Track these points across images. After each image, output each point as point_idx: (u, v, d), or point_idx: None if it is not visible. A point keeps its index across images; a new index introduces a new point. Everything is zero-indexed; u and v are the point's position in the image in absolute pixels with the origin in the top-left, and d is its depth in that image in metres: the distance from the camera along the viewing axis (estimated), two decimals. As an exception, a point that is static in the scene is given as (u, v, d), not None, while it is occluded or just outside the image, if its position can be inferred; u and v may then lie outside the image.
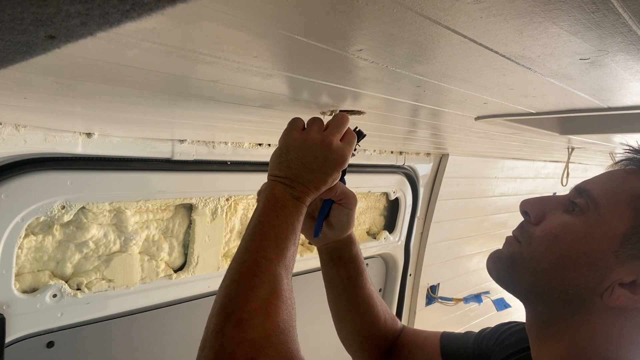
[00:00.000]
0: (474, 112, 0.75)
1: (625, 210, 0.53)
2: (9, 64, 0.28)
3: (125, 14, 0.21)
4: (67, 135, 0.90)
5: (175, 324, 1.24)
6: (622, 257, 0.52)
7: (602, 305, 0.54)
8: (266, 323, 0.51)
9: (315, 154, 0.65)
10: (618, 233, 0.53)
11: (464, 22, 0.32)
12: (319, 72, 0.48)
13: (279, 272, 0.57)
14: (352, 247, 0.83)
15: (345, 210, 0.78)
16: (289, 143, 0.67)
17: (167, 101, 0.64)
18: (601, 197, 0.55)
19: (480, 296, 2.29)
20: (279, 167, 0.67)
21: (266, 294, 0.54)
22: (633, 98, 0.57)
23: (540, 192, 2.62)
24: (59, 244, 1.01)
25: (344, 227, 0.80)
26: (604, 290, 0.53)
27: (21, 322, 0.95)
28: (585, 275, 0.54)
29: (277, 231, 0.61)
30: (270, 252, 0.59)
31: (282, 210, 0.63)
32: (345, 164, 0.68)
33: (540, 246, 0.58)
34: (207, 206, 1.21)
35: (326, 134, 0.66)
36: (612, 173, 0.58)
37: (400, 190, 1.78)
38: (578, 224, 0.56)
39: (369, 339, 0.86)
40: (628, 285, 0.52)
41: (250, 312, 0.51)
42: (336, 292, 0.86)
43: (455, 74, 0.47)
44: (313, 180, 0.66)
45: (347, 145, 0.68)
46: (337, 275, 0.84)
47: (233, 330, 0.50)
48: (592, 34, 0.33)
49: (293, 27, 0.33)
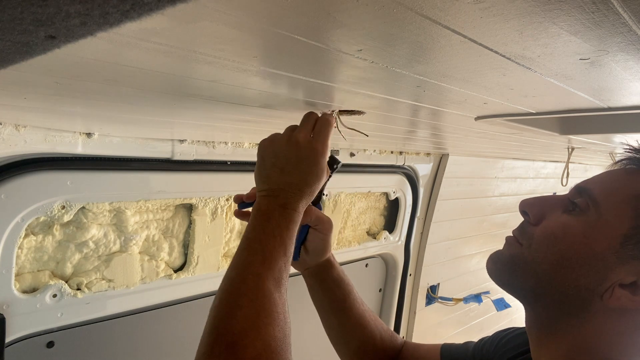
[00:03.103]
0: (474, 112, 0.75)
1: (626, 210, 0.52)
2: (9, 64, 0.28)
3: (125, 14, 0.21)
4: (67, 135, 0.90)
5: (175, 324, 1.24)
6: (622, 258, 0.52)
7: (602, 306, 0.53)
8: (256, 343, 0.50)
9: (286, 156, 0.65)
10: (618, 233, 0.52)
11: (464, 22, 0.32)
12: (318, 72, 0.48)
13: (268, 287, 0.56)
14: (332, 270, 0.84)
15: (321, 235, 0.79)
16: (263, 152, 0.68)
17: (167, 101, 0.64)
18: (601, 197, 0.55)
19: (480, 296, 2.29)
20: (261, 180, 0.68)
21: (255, 312, 0.53)
22: (633, 98, 0.57)
23: (540, 192, 2.62)
24: (59, 244, 1.01)
25: (320, 252, 0.81)
26: (604, 291, 0.53)
27: (21, 322, 0.95)
28: (586, 276, 0.53)
29: (264, 245, 0.60)
30: (257, 266, 0.58)
31: (267, 222, 0.63)
32: (319, 157, 0.66)
33: (540, 247, 0.57)
34: (207, 206, 1.21)
35: (292, 134, 0.66)
36: (612, 173, 0.58)
37: (400, 190, 1.78)
38: (578, 225, 0.55)
39: (367, 358, 0.86)
40: (628, 286, 0.52)
41: (239, 333, 0.51)
42: (326, 316, 0.86)
43: (455, 74, 0.47)
44: (293, 182, 0.65)
45: (318, 137, 0.66)
46: (324, 298, 0.85)
47: (223, 352, 0.49)
48: (592, 34, 0.33)
49: (293, 27, 0.33)
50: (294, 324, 0.59)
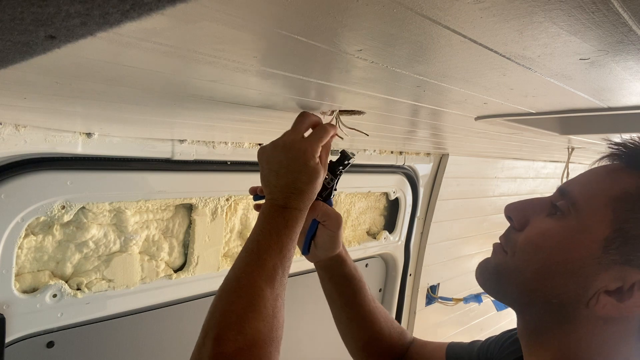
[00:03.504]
0: (474, 112, 0.75)
1: (606, 213, 0.50)
2: (9, 64, 0.28)
3: (125, 14, 0.21)
4: (67, 135, 0.90)
5: (175, 324, 1.24)
6: (604, 264, 0.49)
7: (588, 315, 0.51)
8: (238, 337, 0.54)
9: (278, 159, 0.67)
10: (599, 238, 0.50)
11: (464, 22, 0.32)
12: (318, 72, 0.48)
13: (259, 284, 0.60)
14: (343, 266, 0.84)
15: (329, 232, 0.79)
16: (260, 160, 0.70)
17: (167, 101, 0.64)
18: (581, 199, 0.53)
19: (480, 296, 2.28)
20: (264, 186, 0.70)
21: (242, 308, 0.57)
22: (633, 98, 0.57)
23: (540, 193, 2.62)
24: (59, 244, 1.01)
25: (328, 247, 0.81)
26: (589, 299, 0.50)
27: (21, 322, 0.95)
28: (567, 284, 0.51)
29: (259, 245, 0.63)
30: (251, 265, 0.61)
31: (266, 222, 0.66)
32: (308, 156, 0.66)
33: (523, 255, 0.55)
34: (207, 206, 1.21)
35: (284, 137, 0.67)
36: (593, 172, 0.56)
37: (400, 190, 1.78)
38: (559, 230, 0.53)
39: (374, 354, 0.86)
40: (614, 292, 0.49)
41: (225, 327, 0.55)
42: (335, 309, 0.87)
43: (455, 74, 0.47)
44: (288, 182, 0.66)
45: (309, 138, 0.67)
46: (334, 291, 0.85)
47: (210, 344, 0.54)
48: (592, 34, 0.33)
49: (293, 27, 0.33)
50: (295, 323, 0.60)
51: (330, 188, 0.77)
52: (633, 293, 0.48)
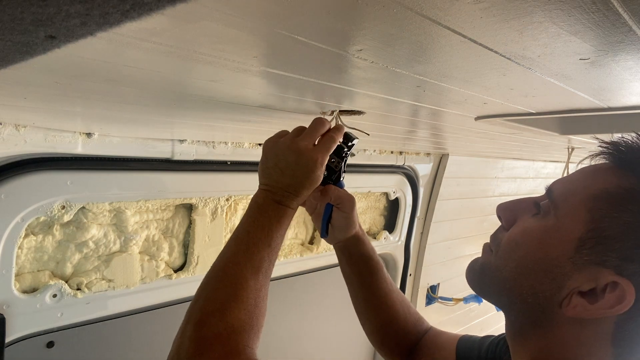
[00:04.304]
0: (474, 112, 0.75)
1: (581, 212, 0.49)
2: (9, 64, 0.28)
3: (125, 14, 0.21)
4: (67, 135, 0.90)
5: (176, 324, 1.23)
6: (578, 264, 0.48)
7: (561, 316, 0.50)
8: (219, 323, 0.57)
9: (287, 160, 0.68)
10: (573, 237, 0.49)
11: (464, 22, 0.32)
12: (318, 72, 0.48)
13: (244, 275, 0.61)
14: (360, 246, 0.86)
15: (343, 214, 0.81)
16: (267, 151, 0.71)
17: (167, 101, 0.64)
18: (560, 198, 0.52)
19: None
20: (262, 175, 0.71)
21: (225, 295, 0.59)
22: (633, 98, 0.57)
23: (540, 193, 2.61)
24: (59, 244, 1.01)
25: (344, 229, 0.83)
26: (562, 299, 0.49)
27: (21, 322, 0.95)
28: (542, 283, 0.50)
29: (250, 236, 0.65)
30: (239, 255, 0.63)
31: (260, 214, 0.67)
32: (317, 166, 0.68)
33: (503, 254, 0.55)
34: (207, 206, 1.21)
35: (297, 139, 0.68)
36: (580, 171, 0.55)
37: (400, 190, 1.78)
38: (537, 229, 0.52)
39: (389, 336, 0.88)
40: (587, 293, 0.48)
41: (207, 313, 0.58)
42: (352, 290, 0.90)
43: (455, 74, 0.47)
44: (291, 184, 0.68)
45: (320, 148, 0.69)
46: (351, 272, 0.88)
47: (191, 329, 0.57)
48: (592, 34, 0.33)
49: (293, 27, 0.33)
50: (295, 323, 0.60)
51: (339, 171, 0.78)
52: (605, 295, 0.47)
